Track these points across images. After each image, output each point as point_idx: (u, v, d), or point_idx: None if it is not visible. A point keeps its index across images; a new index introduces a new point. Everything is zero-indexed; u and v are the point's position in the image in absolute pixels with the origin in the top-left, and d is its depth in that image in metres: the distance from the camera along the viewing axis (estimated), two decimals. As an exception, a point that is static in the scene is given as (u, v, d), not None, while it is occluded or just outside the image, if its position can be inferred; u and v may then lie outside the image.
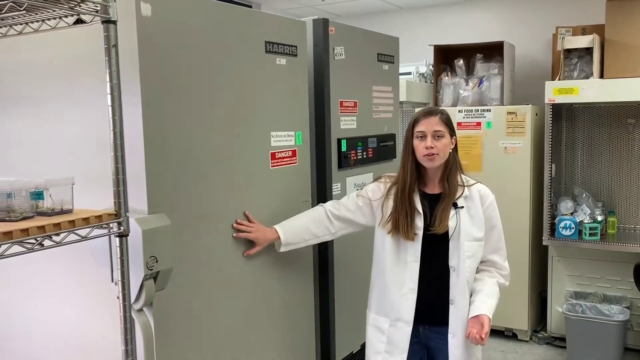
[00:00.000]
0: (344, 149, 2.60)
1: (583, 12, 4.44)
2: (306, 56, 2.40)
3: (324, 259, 2.57)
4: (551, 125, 3.97)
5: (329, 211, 2.26)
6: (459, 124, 4.28)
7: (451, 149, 2.15)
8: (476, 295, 2.13)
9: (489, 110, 4.25)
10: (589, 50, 3.94)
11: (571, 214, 4.02)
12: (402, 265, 2.15)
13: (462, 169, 2.22)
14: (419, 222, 2.12)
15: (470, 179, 2.21)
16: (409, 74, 4.67)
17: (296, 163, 2.36)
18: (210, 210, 1.96)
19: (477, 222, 2.14)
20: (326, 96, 2.50)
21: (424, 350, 2.24)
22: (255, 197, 2.15)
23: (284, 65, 2.24)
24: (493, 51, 4.44)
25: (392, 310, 2.18)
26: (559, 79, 4.00)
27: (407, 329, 2.15)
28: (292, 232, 2.20)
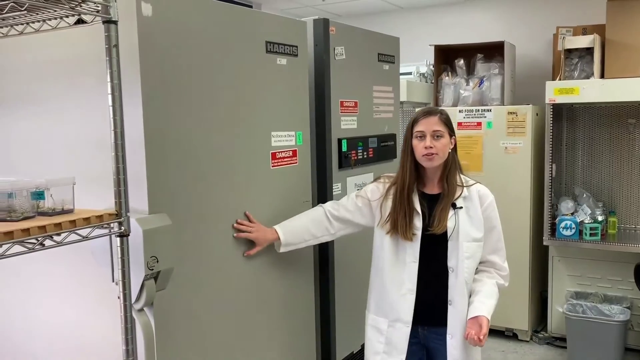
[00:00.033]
0: (344, 149, 2.60)
1: (584, 12, 4.44)
2: (307, 56, 2.40)
3: (324, 258, 2.57)
4: (552, 125, 3.97)
5: (328, 212, 2.26)
6: (459, 124, 4.28)
7: (450, 149, 2.14)
8: (475, 296, 2.12)
9: (489, 110, 4.25)
10: (589, 50, 3.94)
11: (572, 214, 4.02)
12: (401, 266, 2.15)
13: (462, 169, 2.21)
14: (417, 222, 2.12)
15: (470, 179, 2.20)
16: (410, 74, 4.67)
17: (297, 163, 2.36)
18: (211, 210, 1.96)
19: (476, 222, 2.14)
20: (327, 96, 2.50)
21: (423, 350, 2.24)
22: (255, 197, 2.15)
23: (284, 65, 2.24)
24: (494, 51, 4.44)
25: (390, 311, 2.18)
26: (560, 79, 4.00)
27: (406, 329, 2.15)
28: (292, 232, 2.20)
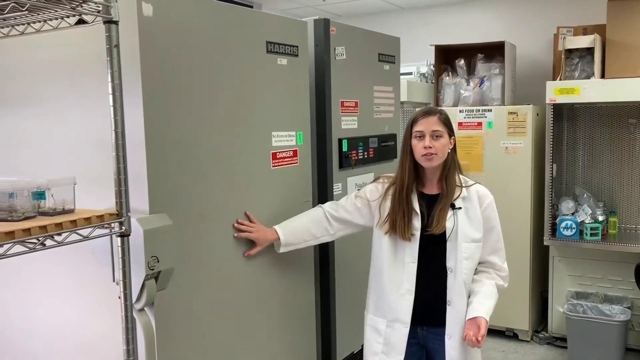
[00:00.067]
0: (345, 149, 2.60)
1: (584, 12, 4.44)
2: (307, 56, 2.41)
3: (325, 258, 2.57)
4: (552, 125, 3.97)
5: (327, 212, 2.26)
6: (460, 124, 4.28)
7: (450, 149, 2.13)
8: (474, 296, 2.12)
9: (490, 110, 4.25)
10: (590, 50, 3.94)
11: (572, 214, 4.02)
12: (400, 266, 2.14)
13: (461, 170, 2.20)
14: (416, 222, 2.12)
15: (469, 180, 2.19)
16: (410, 74, 4.67)
17: (297, 163, 2.36)
18: (211, 210, 1.96)
19: (475, 223, 2.13)
20: (327, 96, 2.50)
21: (422, 351, 2.23)
22: (256, 197, 2.16)
23: (285, 66, 2.24)
24: (494, 51, 4.44)
25: (389, 311, 2.17)
26: (560, 79, 4.00)
27: (404, 330, 2.14)
28: (292, 232, 2.20)
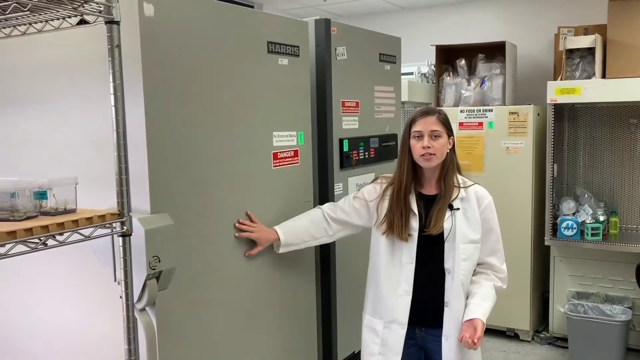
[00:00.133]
0: (345, 149, 2.61)
1: (585, 12, 4.44)
2: (308, 56, 2.41)
3: (326, 258, 2.57)
4: (553, 125, 3.97)
5: (326, 213, 2.26)
6: (460, 124, 4.28)
7: (449, 149, 2.13)
8: (471, 298, 2.11)
9: (490, 111, 4.25)
10: (591, 50, 3.94)
11: (573, 214, 4.02)
12: (397, 267, 2.14)
13: (460, 170, 2.19)
14: (414, 223, 2.11)
15: (468, 180, 2.19)
16: (411, 74, 4.67)
17: (298, 163, 2.36)
18: (213, 210, 1.97)
19: (473, 224, 2.12)
20: (328, 96, 2.50)
21: (421, 352, 2.22)
22: (257, 197, 2.16)
23: (286, 66, 2.25)
24: (495, 51, 4.44)
25: (386, 312, 2.16)
26: (561, 79, 4.00)
27: (402, 331, 2.13)
28: (292, 233, 2.20)
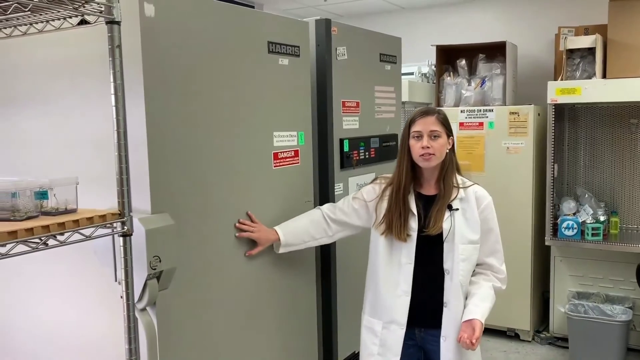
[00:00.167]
0: (346, 149, 2.61)
1: (585, 12, 4.44)
2: (309, 56, 2.41)
3: (326, 258, 2.57)
4: (553, 125, 3.97)
5: (325, 214, 2.26)
6: (461, 124, 4.28)
7: (448, 150, 2.12)
8: (470, 298, 2.10)
9: (491, 111, 4.25)
10: (591, 50, 3.94)
11: (574, 214, 4.02)
12: (396, 267, 2.13)
13: (460, 170, 2.19)
14: (412, 223, 2.11)
15: (467, 180, 2.18)
16: (412, 74, 4.67)
17: (298, 163, 2.36)
18: (213, 210, 1.97)
19: (472, 224, 2.12)
20: (328, 96, 2.50)
21: (420, 352, 2.22)
22: (257, 197, 2.16)
23: (286, 66, 2.25)
24: (495, 51, 4.44)
25: (385, 313, 2.16)
26: (562, 79, 4.00)
27: (400, 331, 2.13)
28: (292, 233, 2.20)
